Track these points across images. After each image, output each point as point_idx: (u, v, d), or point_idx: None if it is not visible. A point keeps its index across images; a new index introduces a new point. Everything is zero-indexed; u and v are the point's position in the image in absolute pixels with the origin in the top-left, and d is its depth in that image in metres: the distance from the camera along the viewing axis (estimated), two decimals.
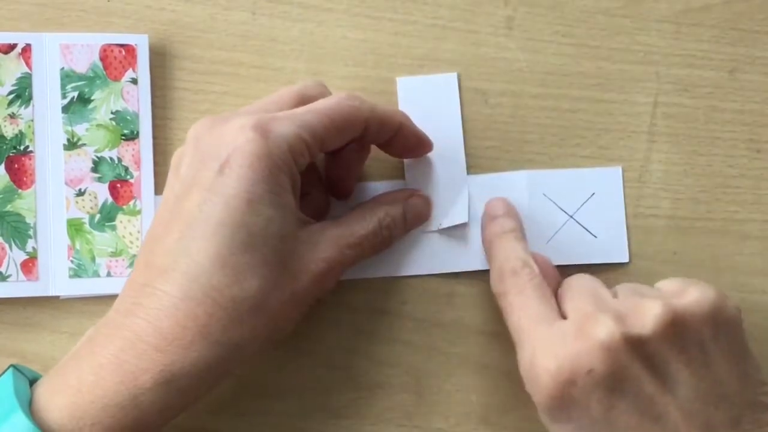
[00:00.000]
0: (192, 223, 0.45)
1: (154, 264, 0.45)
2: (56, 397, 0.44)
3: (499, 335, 0.54)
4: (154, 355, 0.43)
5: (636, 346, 0.44)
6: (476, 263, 0.54)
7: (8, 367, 0.46)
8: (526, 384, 0.47)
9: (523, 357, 0.47)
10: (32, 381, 0.46)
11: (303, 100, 0.49)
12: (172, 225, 0.45)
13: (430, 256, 0.54)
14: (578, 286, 0.49)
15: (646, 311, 0.45)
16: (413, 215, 0.53)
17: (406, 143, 0.52)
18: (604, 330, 0.44)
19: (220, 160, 0.45)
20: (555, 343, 0.45)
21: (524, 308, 0.48)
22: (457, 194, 0.54)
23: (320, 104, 0.48)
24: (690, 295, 0.45)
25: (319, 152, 0.48)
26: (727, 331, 0.45)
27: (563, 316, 0.48)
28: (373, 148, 0.53)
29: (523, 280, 0.49)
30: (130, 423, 0.43)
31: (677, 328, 0.44)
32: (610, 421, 0.44)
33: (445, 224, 0.54)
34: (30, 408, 0.43)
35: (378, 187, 0.55)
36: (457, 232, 0.54)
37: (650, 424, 0.44)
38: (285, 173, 0.46)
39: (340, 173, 0.53)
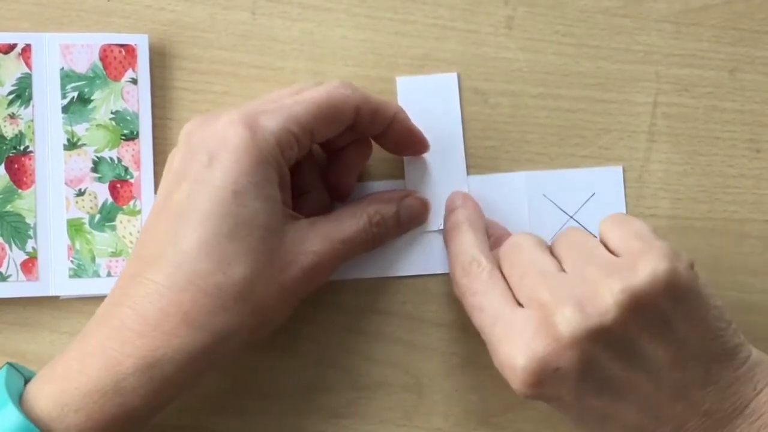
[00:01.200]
0: (180, 214, 0.45)
1: (143, 255, 0.46)
2: (44, 388, 0.44)
3: None
4: (137, 340, 0.44)
5: (600, 336, 0.44)
6: None
7: (4, 365, 0.46)
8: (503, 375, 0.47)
9: (493, 354, 0.47)
10: (28, 379, 0.46)
11: None
12: (161, 217, 0.46)
13: (430, 256, 0.54)
14: (520, 259, 0.48)
15: (605, 296, 0.44)
16: (408, 215, 0.53)
17: (400, 136, 0.52)
18: (567, 326, 0.43)
19: (208, 153, 0.46)
20: (518, 340, 0.45)
21: (481, 308, 0.48)
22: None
23: (309, 93, 0.48)
24: (643, 271, 0.44)
25: (310, 143, 0.48)
26: (684, 296, 0.45)
27: (516, 299, 0.47)
28: (375, 148, 0.53)
29: (472, 278, 0.49)
30: (113, 409, 0.43)
31: (637, 309, 0.44)
32: (583, 405, 0.45)
33: None
34: (21, 400, 0.44)
35: (378, 186, 0.55)
36: None
37: (622, 401, 0.45)
38: (272, 166, 0.46)
39: (340, 173, 0.53)
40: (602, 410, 0.45)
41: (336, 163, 0.53)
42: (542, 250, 0.48)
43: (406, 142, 0.53)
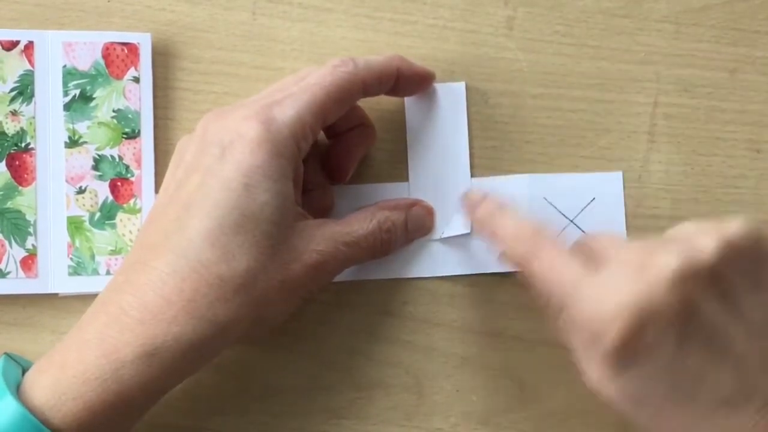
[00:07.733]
0: (188, 204, 0.46)
1: (148, 242, 0.46)
2: (42, 377, 0.44)
3: (500, 335, 0.54)
4: (136, 328, 0.44)
5: (702, 274, 0.41)
6: (477, 266, 0.54)
7: (1, 355, 0.46)
8: (579, 343, 0.44)
9: (575, 316, 0.43)
10: (26, 370, 0.46)
11: None
12: (170, 207, 0.46)
13: (430, 260, 0.54)
14: (610, 237, 0.46)
15: (704, 241, 0.42)
16: (415, 225, 0.53)
17: (408, 83, 0.52)
18: (667, 265, 0.41)
19: (221, 146, 0.46)
20: (612, 288, 0.42)
21: (551, 268, 0.45)
22: (461, 203, 0.54)
23: (315, 78, 0.48)
24: (737, 223, 0.42)
25: (321, 128, 0.49)
26: None
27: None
28: (377, 148, 0.54)
29: (540, 245, 0.46)
30: (111, 398, 0.43)
31: (735, 252, 0.42)
32: (682, 359, 0.42)
33: (447, 234, 0.54)
34: (19, 390, 0.44)
35: (381, 188, 0.55)
36: (459, 236, 0.54)
37: (720, 359, 0.42)
38: (286, 159, 0.46)
39: (340, 155, 0.53)
40: (700, 369, 0.42)
41: (337, 146, 0.53)
42: None
43: (414, 87, 0.53)
